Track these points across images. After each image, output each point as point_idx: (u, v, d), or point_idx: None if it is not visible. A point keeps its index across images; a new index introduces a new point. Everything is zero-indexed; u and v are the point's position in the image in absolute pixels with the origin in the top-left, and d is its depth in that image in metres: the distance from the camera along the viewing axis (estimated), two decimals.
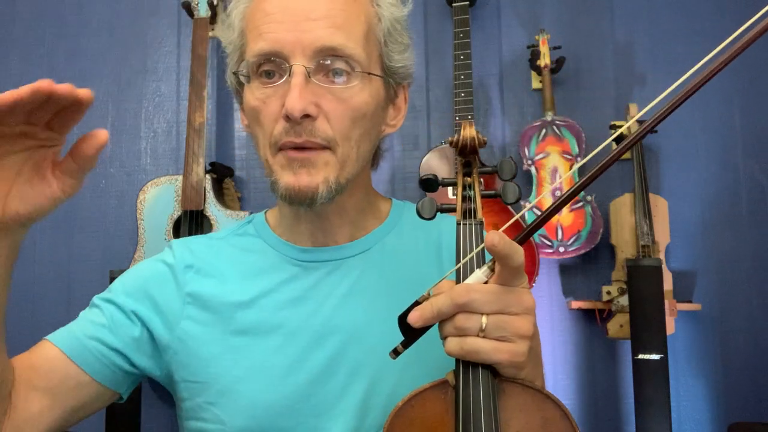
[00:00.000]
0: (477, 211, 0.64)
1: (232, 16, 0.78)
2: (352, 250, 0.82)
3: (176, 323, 0.79)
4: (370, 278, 0.80)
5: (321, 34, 0.71)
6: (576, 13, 2.09)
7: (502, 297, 0.57)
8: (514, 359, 0.57)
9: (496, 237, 0.54)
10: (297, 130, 0.71)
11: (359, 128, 0.75)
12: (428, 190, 0.68)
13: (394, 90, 0.82)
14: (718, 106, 2.01)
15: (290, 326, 0.77)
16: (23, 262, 2.16)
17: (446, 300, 0.57)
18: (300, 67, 0.71)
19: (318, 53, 0.71)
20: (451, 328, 0.57)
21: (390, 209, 0.88)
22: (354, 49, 0.73)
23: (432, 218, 0.65)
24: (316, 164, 0.72)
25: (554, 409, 0.59)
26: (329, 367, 0.75)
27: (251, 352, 0.77)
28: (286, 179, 0.73)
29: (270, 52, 0.72)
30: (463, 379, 0.58)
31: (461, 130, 0.65)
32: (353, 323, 0.77)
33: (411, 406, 0.60)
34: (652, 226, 1.85)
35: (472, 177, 0.67)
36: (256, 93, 0.74)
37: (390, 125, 0.83)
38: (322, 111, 0.72)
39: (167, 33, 2.24)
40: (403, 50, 0.80)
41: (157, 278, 0.82)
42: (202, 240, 0.87)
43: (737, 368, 1.92)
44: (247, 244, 0.85)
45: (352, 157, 0.75)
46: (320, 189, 0.72)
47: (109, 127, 2.23)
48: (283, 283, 0.80)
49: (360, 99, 0.74)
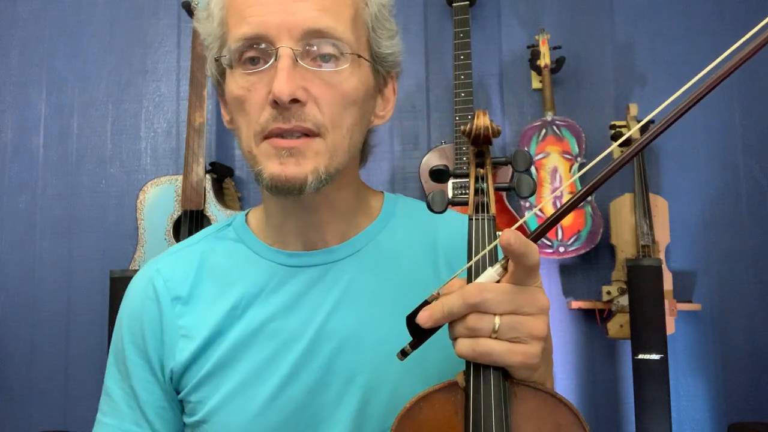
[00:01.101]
0: (490, 204, 0.61)
1: (211, 5, 0.74)
2: (343, 252, 0.78)
3: (171, 357, 0.77)
4: (363, 281, 0.76)
5: (308, 15, 0.67)
6: (576, 13, 2.09)
7: (516, 297, 0.54)
8: (528, 361, 0.55)
9: (511, 235, 0.52)
10: (285, 116, 0.67)
11: (350, 115, 0.71)
12: (439, 181, 0.64)
13: (384, 78, 0.78)
14: (718, 105, 2.01)
15: (282, 336, 0.74)
16: (23, 262, 2.16)
17: (458, 300, 0.54)
18: (287, 50, 0.66)
19: (305, 36, 0.67)
20: (462, 329, 0.55)
21: (382, 204, 0.84)
22: (343, 32, 0.69)
23: (443, 212, 0.62)
24: (305, 153, 0.68)
25: (567, 415, 0.57)
26: (323, 376, 0.73)
27: (242, 366, 0.74)
28: (271, 168, 0.68)
29: (254, 35, 0.67)
30: (473, 382, 0.56)
31: (474, 119, 0.61)
32: (346, 330, 0.74)
33: (419, 408, 0.58)
34: (652, 226, 1.85)
35: (485, 168, 0.63)
36: (240, 81, 0.69)
37: (379, 116, 0.79)
38: (311, 96, 0.68)
39: (167, 33, 2.24)
40: (391, 36, 0.76)
41: (151, 328, 0.78)
42: (180, 257, 0.82)
43: (737, 368, 1.92)
44: (228, 250, 0.81)
45: (343, 147, 0.71)
46: (309, 179, 0.68)
47: (109, 127, 2.23)
48: (272, 292, 0.76)
49: (350, 84, 0.70)
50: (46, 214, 2.20)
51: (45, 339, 2.14)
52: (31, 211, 2.21)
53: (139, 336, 0.78)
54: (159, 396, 0.77)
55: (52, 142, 2.24)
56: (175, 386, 0.78)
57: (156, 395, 0.77)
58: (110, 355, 0.82)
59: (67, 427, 2.09)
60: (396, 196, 0.86)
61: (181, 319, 0.77)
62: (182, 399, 0.77)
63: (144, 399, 0.77)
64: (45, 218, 2.20)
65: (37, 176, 2.23)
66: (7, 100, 2.28)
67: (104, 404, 0.80)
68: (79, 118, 2.24)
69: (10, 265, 2.18)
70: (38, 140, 2.24)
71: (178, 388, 0.78)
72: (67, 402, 2.11)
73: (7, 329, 2.16)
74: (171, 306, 0.78)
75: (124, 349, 0.79)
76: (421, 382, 0.64)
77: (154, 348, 0.77)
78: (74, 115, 2.24)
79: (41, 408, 2.11)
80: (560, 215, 0.57)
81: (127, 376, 0.78)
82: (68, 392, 2.11)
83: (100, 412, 0.80)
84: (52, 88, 2.26)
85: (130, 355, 0.78)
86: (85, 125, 2.24)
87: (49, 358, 2.13)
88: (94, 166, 2.21)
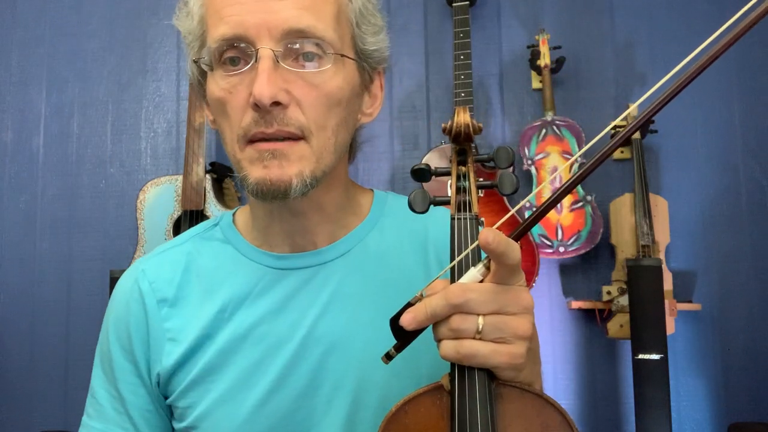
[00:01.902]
0: (472, 203, 0.60)
1: (190, 3, 0.72)
2: (332, 254, 0.76)
3: (158, 361, 0.76)
4: (352, 283, 0.75)
5: (288, 15, 0.65)
6: (576, 13, 2.09)
7: (499, 296, 0.54)
8: (513, 361, 0.54)
9: (490, 234, 0.51)
10: (267, 120, 0.65)
11: (335, 116, 0.69)
12: (420, 180, 0.62)
13: (369, 75, 0.76)
14: (718, 105, 2.01)
15: (270, 340, 0.73)
16: (23, 262, 2.16)
17: (440, 300, 0.54)
18: (267, 51, 0.64)
19: (286, 36, 0.65)
20: (446, 331, 0.54)
21: (371, 203, 0.82)
22: (324, 30, 0.66)
23: (425, 212, 0.60)
24: (289, 157, 0.66)
25: (554, 415, 0.57)
26: (313, 380, 0.71)
27: (230, 371, 0.72)
28: (255, 173, 0.66)
29: (233, 36, 0.65)
30: (458, 384, 0.55)
31: (455, 116, 0.60)
32: (335, 333, 0.72)
33: (405, 411, 0.57)
34: (652, 226, 1.85)
35: (467, 166, 0.62)
36: (221, 82, 0.67)
37: (366, 114, 0.77)
38: (293, 98, 0.66)
39: (167, 33, 2.24)
40: (377, 32, 0.74)
41: (138, 330, 0.77)
42: (166, 258, 0.80)
43: (737, 368, 1.92)
44: (215, 252, 0.79)
45: (329, 148, 0.69)
46: (294, 182, 0.66)
47: (109, 127, 2.23)
48: (259, 295, 0.75)
49: (333, 84, 0.68)
50: (46, 214, 2.20)
51: (45, 339, 2.14)
52: (31, 211, 2.21)
53: (126, 338, 0.77)
54: (146, 400, 0.76)
55: (52, 142, 2.24)
56: (163, 391, 0.76)
57: (143, 399, 0.76)
58: (96, 358, 0.81)
59: (67, 427, 2.09)
60: (386, 194, 0.84)
61: (167, 322, 0.76)
62: (170, 404, 0.76)
63: (130, 402, 0.76)
64: (45, 218, 2.20)
65: (37, 176, 2.23)
66: (7, 100, 2.28)
67: (90, 407, 0.79)
68: (79, 118, 2.24)
69: (10, 265, 2.18)
70: (38, 140, 2.24)
71: (165, 393, 0.76)
72: (67, 402, 2.11)
73: (7, 329, 2.16)
74: (157, 308, 0.76)
75: (110, 352, 0.78)
76: (412, 384, 0.63)
77: (141, 351, 0.76)
78: (74, 115, 2.24)
79: (41, 408, 2.11)
80: (545, 209, 0.56)
81: (113, 379, 0.77)
82: (68, 392, 2.11)
83: (86, 415, 0.79)
84: (52, 88, 2.26)
85: (116, 358, 0.77)
86: (85, 125, 2.24)
87: (49, 358, 2.13)
88: (94, 166, 2.21)
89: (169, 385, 0.75)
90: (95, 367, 0.80)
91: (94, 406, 0.78)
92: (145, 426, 0.76)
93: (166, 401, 0.77)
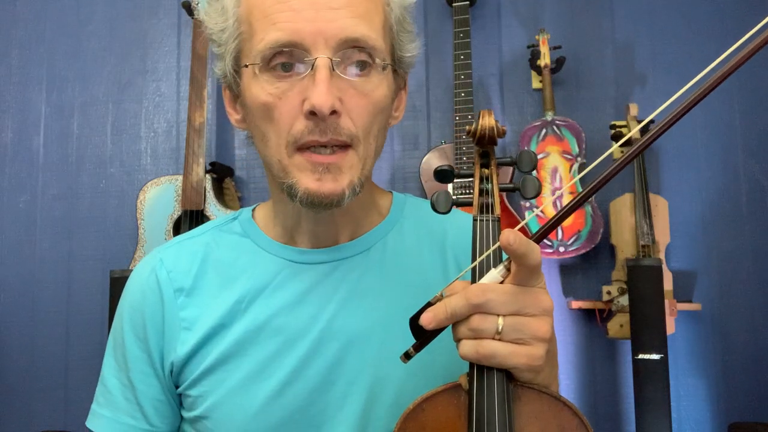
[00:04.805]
0: (495, 206, 0.60)
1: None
2: (352, 250, 0.77)
3: (172, 350, 0.76)
4: (371, 280, 0.76)
5: (344, 24, 0.65)
6: (576, 13, 2.09)
7: (519, 297, 0.54)
8: (532, 363, 0.54)
9: (511, 235, 0.52)
10: (322, 128, 0.65)
11: (377, 123, 0.70)
12: (443, 181, 0.63)
13: (403, 80, 0.78)
14: (718, 105, 2.01)
15: (287, 333, 0.73)
16: (23, 261, 2.17)
17: (461, 300, 0.54)
18: (325, 60, 0.65)
19: (342, 45, 0.66)
20: (465, 330, 0.55)
21: (391, 204, 0.83)
22: (376, 40, 0.68)
23: (447, 212, 0.61)
24: (342, 168, 0.67)
25: (571, 418, 0.57)
26: (328, 375, 0.72)
27: (245, 362, 0.73)
28: (306, 183, 0.67)
29: (288, 42, 0.65)
30: (477, 384, 0.56)
31: (479, 119, 0.61)
32: (352, 328, 0.73)
33: (422, 409, 0.58)
34: (652, 225, 1.85)
35: (490, 169, 0.63)
36: (267, 87, 0.67)
37: (394, 117, 0.78)
38: (344, 107, 0.67)
39: (167, 33, 2.24)
40: (413, 39, 0.76)
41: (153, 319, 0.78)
42: (184, 248, 0.81)
43: (737, 368, 1.92)
44: (233, 244, 0.80)
45: (371, 154, 0.71)
46: (346, 193, 0.67)
47: (109, 127, 2.23)
48: (277, 287, 0.75)
49: (380, 92, 0.69)
50: (46, 214, 2.20)
51: (45, 339, 2.14)
52: (31, 211, 2.21)
53: (140, 327, 0.77)
54: (157, 389, 0.77)
55: (52, 142, 2.24)
56: (175, 380, 0.77)
57: (154, 388, 0.77)
58: (109, 345, 0.81)
59: (67, 427, 2.09)
60: (405, 196, 0.86)
61: (183, 311, 0.76)
62: (181, 393, 0.77)
63: (141, 392, 0.76)
64: (45, 218, 2.20)
65: (37, 176, 2.23)
66: (7, 100, 2.28)
67: (100, 395, 0.79)
68: (79, 118, 2.24)
69: (10, 265, 2.18)
70: (38, 140, 2.24)
71: (177, 381, 0.77)
72: (67, 402, 2.11)
73: (7, 329, 2.16)
74: (174, 298, 0.77)
75: (123, 340, 0.78)
76: (427, 383, 0.63)
77: (155, 340, 0.76)
78: (74, 115, 2.24)
79: (42, 408, 2.11)
80: (562, 217, 0.57)
81: (125, 367, 0.77)
82: (68, 392, 2.11)
83: (95, 402, 0.79)
84: (52, 88, 2.26)
85: (129, 346, 0.77)
86: (85, 125, 2.24)
87: (49, 358, 2.13)
88: (94, 166, 2.21)
89: (182, 374, 0.76)
90: (107, 355, 0.81)
91: (105, 394, 0.79)
92: (155, 415, 0.77)
93: (177, 390, 0.77)
